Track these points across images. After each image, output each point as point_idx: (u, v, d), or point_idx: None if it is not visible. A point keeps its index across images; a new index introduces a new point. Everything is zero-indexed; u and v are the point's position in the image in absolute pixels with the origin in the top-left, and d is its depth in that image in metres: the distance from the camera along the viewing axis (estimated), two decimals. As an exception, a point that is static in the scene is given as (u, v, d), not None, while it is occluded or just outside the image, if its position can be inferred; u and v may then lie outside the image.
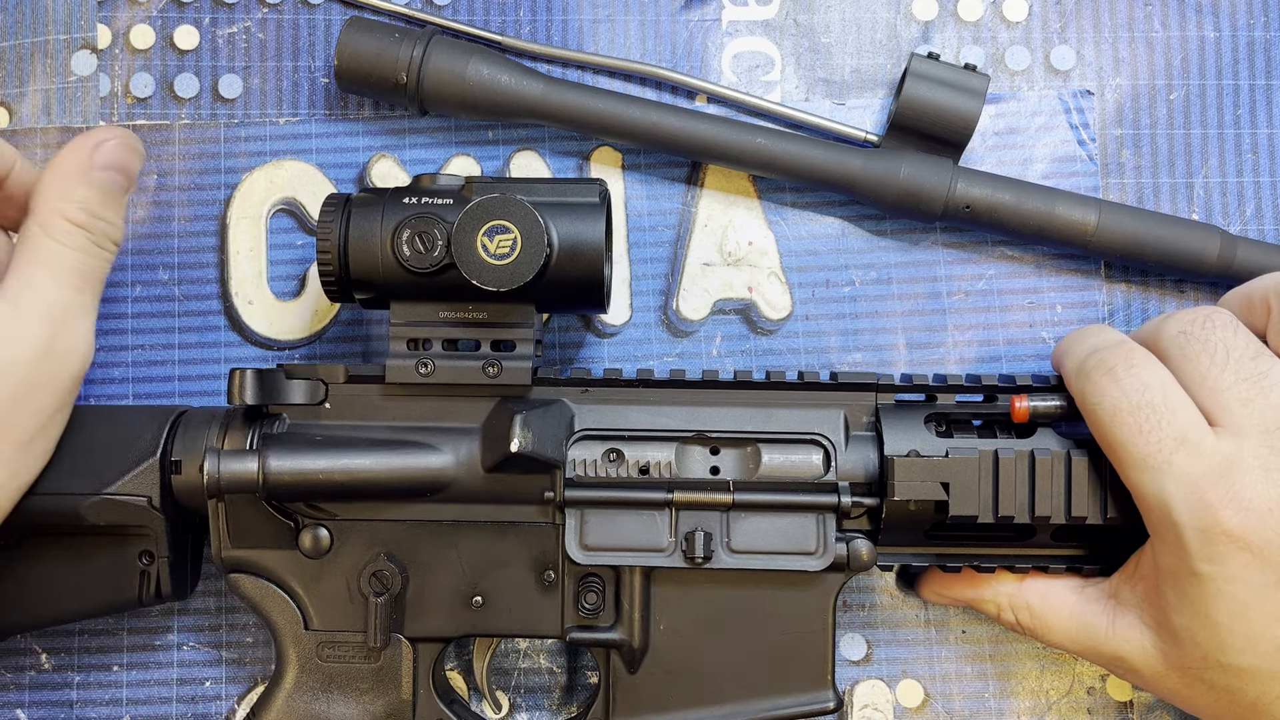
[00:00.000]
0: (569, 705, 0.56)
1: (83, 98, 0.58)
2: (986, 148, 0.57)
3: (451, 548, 0.50)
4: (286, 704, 0.50)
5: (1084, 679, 0.55)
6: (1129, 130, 0.57)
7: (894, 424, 0.49)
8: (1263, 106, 0.57)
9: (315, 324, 0.57)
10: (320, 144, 0.58)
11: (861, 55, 0.58)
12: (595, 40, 0.58)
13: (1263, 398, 0.44)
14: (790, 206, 0.57)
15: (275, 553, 0.50)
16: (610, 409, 0.50)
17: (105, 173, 0.48)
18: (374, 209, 0.48)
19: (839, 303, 0.57)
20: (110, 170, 0.48)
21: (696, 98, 0.57)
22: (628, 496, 0.48)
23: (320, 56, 0.58)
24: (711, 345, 0.57)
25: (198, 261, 0.57)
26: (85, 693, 0.56)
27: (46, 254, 0.46)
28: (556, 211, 0.48)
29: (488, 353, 0.49)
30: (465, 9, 0.58)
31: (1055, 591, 0.49)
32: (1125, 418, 0.45)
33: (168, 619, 0.56)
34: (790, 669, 0.49)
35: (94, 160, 0.48)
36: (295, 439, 0.48)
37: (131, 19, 0.58)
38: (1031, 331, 0.57)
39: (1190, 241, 0.54)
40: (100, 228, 0.48)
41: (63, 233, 0.46)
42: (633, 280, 0.57)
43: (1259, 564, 0.43)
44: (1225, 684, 0.45)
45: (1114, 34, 0.58)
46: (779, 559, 0.48)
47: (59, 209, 0.47)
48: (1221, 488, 0.43)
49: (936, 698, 0.56)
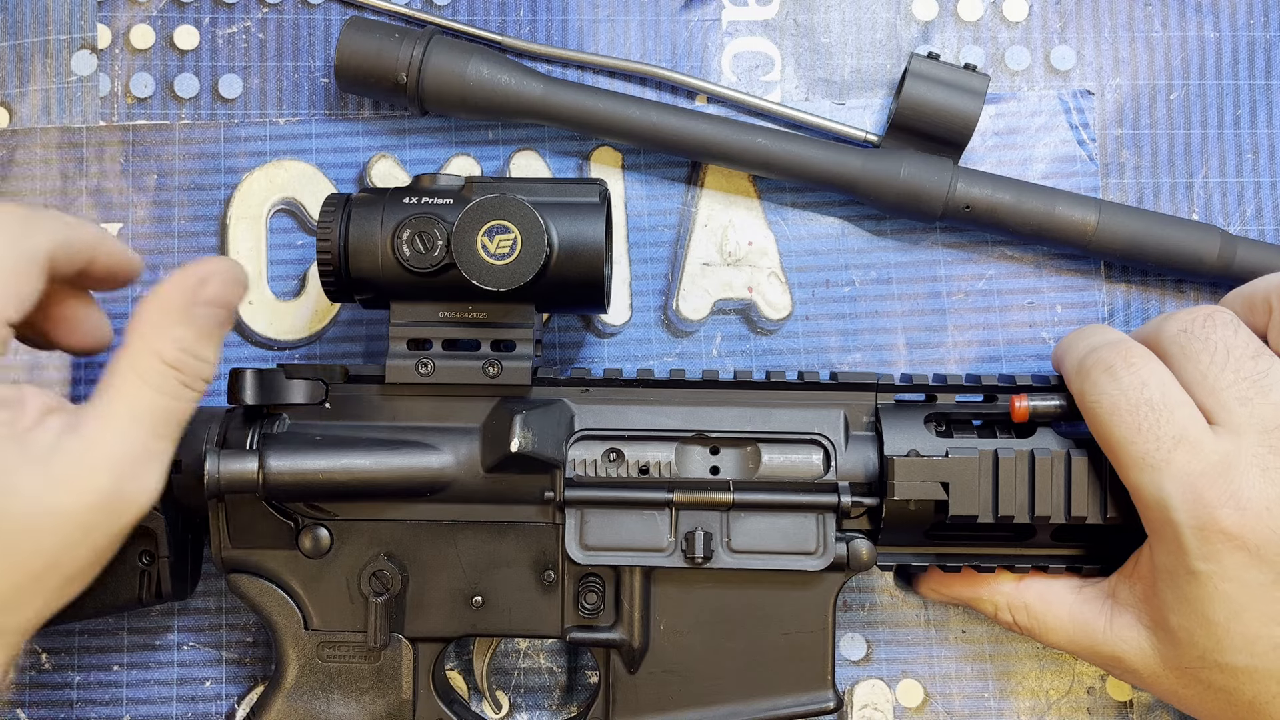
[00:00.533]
0: (569, 705, 0.56)
1: (83, 98, 0.58)
2: (986, 148, 0.57)
3: (451, 547, 0.50)
4: (286, 704, 0.50)
5: (1084, 679, 0.55)
6: (1129, 130, 0.57)
7: (894, 424, 0.49)
8: (1263, 106, 0.57)
9: (315, 324, 0.57)
10: (320, 144, 0.58)
11: (861, 55, 0.58)
12: (595, 40, 0.58)
13: (1262, 397, 0.44)
14: (790, 206, 0.57)
15: (275, 553, 0.50)
16: (610, 409, 0.50)
17: (207, 309, 0.44)
18: (374, 209, 0.48)
19: (839, 303, 0.57)
20: (213, 306, 0.44)
21: (696, 98, 0.57)
22: (628, 496, 0.48)
23: (320, 56, 0.58)
24: (711, 345, 0.57)
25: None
26: (85, 693, 0.56)
27: (131, 395, 0.42)
28: (556, 211, 0.48)
29: (488, 353, 0.49)
30: (465, 9, 0.58)
31: (1053, 591, 0.49)
32: (1124, 416, 0.45)
33: (168, 619, 0.56)
34: (790, 669, 0.49)
35: (197, 296, 0.44)
36: (295, 439, 0.48)
37: (131, 19, 0.58)
38: (1031, 331, 0.57)
39: (1190, 241, 0.54)
40: (194, 368, 0.44)
41: (154, 374, 0.43)
42: (633, 280, 0.57)
43: (1256, 563, 0.43)
44: (1222, 684, 0.45)
45: (1114, 34, 0.58)
46: (779, 559, 0.48)
47: (154, 347, 0.43)
48: (1219, 486, 0.43)
49: (936, 698, 0.56)
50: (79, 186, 0.57)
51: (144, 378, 0.43)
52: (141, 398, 0.43)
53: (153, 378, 0.43)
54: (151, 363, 0.43)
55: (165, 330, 0.43)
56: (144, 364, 0.43)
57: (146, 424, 0.43)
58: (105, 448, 0.42)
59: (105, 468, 0.42)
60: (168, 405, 0.43)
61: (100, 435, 0.42)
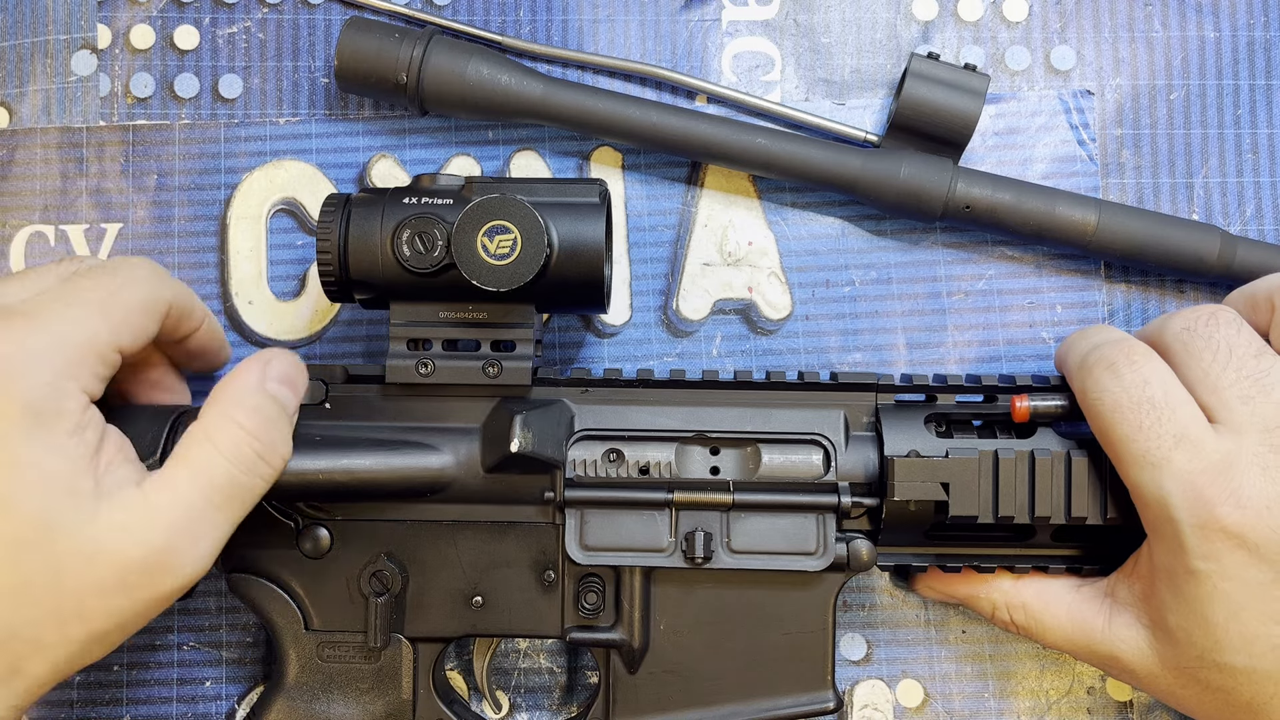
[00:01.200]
0: (569, 705, 0.56)
1: (83, 98, 0.58)
2: (986, 148, 0.57)
3: (451, 548, 0.50)
4: (286, 704, 0.50)
5: (1084, 679, 0.55)
6: (1129, 130, 0.57)
7: (894, 424, 0.49)
8: (1263, 106, 0.57)
9: (315, 324, 0.57)
10: (320, 144, 0.58)
11: (861, 55, 0.58)
12: (595, 40, 0.58)
13: (1264, 396, 0.44)
14: (790, 206, 0.57)
15: (275, 553, 0.50)
16: (610, 409, 0.50)
17: (278, 386, 0.46)
18: (374, 209, 0.48)
19: (839, 303, 0.57)
20: (282, 384, 0.46)
21: (696, 98, 0.57)
22: (628, 496, 0.48)
23: (320, 56, 0.58)
24: (711, 345, 0.57)
25: (198, 261, 0.57)
26: (85, 693, 0.56)
27: (199, 460, 0.43)
28: (556, 211, 0.48)
29: (488, 353, 0.49)
30: (465, 9, 0.58)
31: (1051, 591, 0.49)
32: (1125, 413, 0.45)
33: (168, 619, 0.56)
34: (790, 669, 0.49)
35: (268, 373, 0.46)
36: (295, 439, 0.48)
37: (131, 19, 0.58)
38: (1031, 331, 0.57)
39: (1190, 241, 0.54)
40: (268, 439, 0.44)
41: (226, 439, 0.43)
42: (633, 280, 0.57)
43: (1256, 561, 0.43)
44: (1220, 684, 0.45)
45: (1114, 34, 0.58)
46: (779, 559, 0.48)
47: (230, 414, 0.44)
48: (1220, 484, 0.43)
49: (936, 698, 0.56)
50: (79, 186, 0.57)
51: (216, 443, 0.43)
52: (209, 463, 0.43)
53: (225, 445, 0.43)
54: (226, 428, 0.43)
55: (243, 399, 0.44)
56: (217, 429, 0.43)
57: (208, 490, 0.42)
58: (162, 503, 0.42)
59: (159, 524, 0.41)
60: (234, 477, 0.43)
61: (160, 491, 0.42)
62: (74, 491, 0.40)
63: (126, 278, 0.45)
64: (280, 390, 0.46)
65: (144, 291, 0.45)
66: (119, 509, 0.41)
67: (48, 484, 0.40)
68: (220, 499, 0.43)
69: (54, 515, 0.40)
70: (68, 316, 0.42)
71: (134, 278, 0.45)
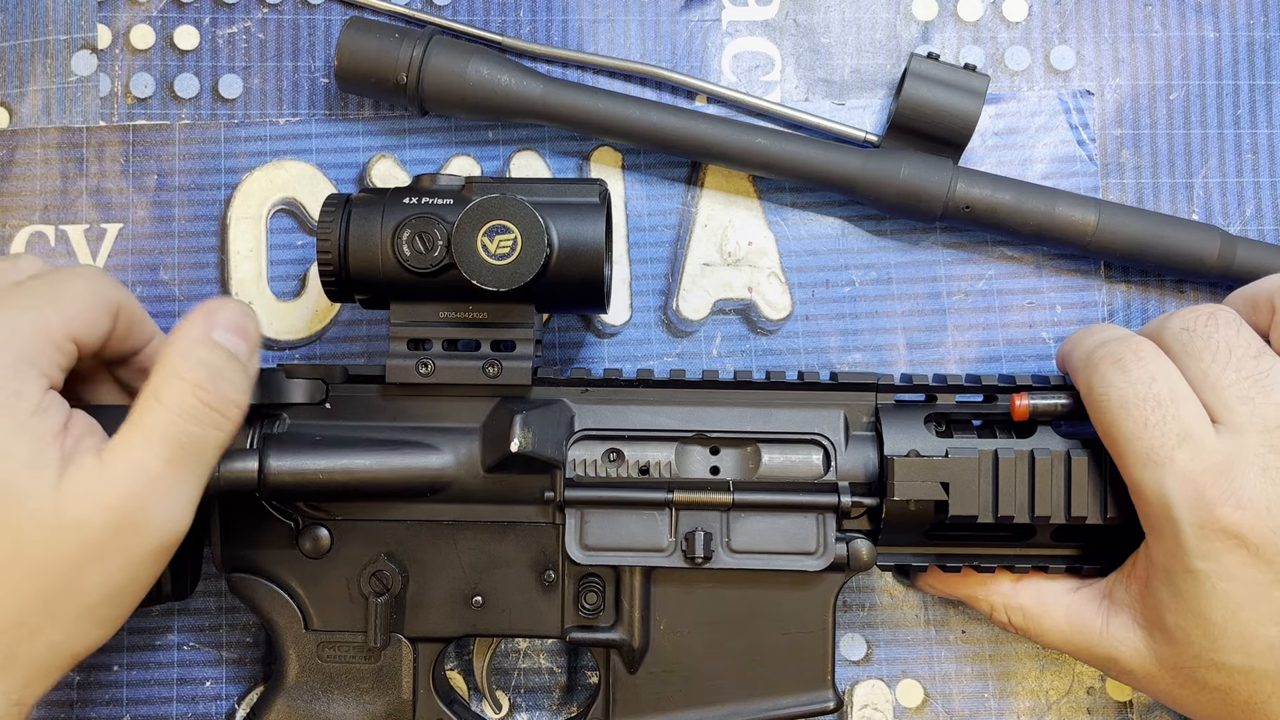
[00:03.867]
0: (569, 705, 0.56)
1: (83, 98, 0.58)
2: (986, 148, 0.57)
3: (451, 547, 0.50)
4: (286, 704, 0.50)
5: (1084, 679, 0.55)
6: (1129, 130, 0.57)
7: (894, 424, 0.49)
8: (1263, 106, 0.57)
9: (315, 324, 0.57)
10: (320, 144, 0.58)
11: (861, 55, 0.58)
12: (595, 40, 0.58)
13: (1263, 396, 0.44)
14: (790, 206, 0.57)
15: (275, 553, 0.50)
16: (610, 409, 0.50)
17: (226, 334, 0.45)
18: (374, 209, 0.48)
19: (839, 303, 0.57)
20: (230, 332, 0.45)
21: (696, 98, 0.57)
22: (628, 496, 0.48)
23: (320, 56, 0.58)
24: (711, 345, 0.57)
25: (198, 261, 0.57)
26: (85, 693, 0.56)
27: (149, 419, 0.43)
28: (556, 211, 0.48)
29: (488, 353, 0.49)
30: (465, 9, 0.58)
31: (1049, 592, 0.49)
32: (1131, 410, 0.45)
33: (168, 619, 0.56)
34: (790, 669, 0.49)
35: (212, 323, 0.45)
36: (295, 439, 0.48)
37: (131, 19, 0.58)
38: (1031, 331, 0.57)
39: (1190, 242, 0.54)
40: (217, 390, 0.44)
41: (174, 395, 0.43)
42: (633, 280, 0.57)
43: (1255, 562, 0.43)
44: (1218, 684, 0.45)
45: (1114, 34, 0.58)
46: (779, 559, 0.48)
47: (176, 368, 0.43)
48: (1221, 485, 0.43)
49: (936, 698, 0.56)
50: (79, 186, 0.57)
51: (163, 401, 0.43)
52: (158, 421, 0.43)
53: (172, 400, 0.43)
54: (171, 384, 0.43)
55: (189, 352, 0.44)
56: (163, 386, 0.43)
57: (160, 447, 0.42)
58: (119, 465, 0.42)
59: (116, 486, 0.41)
60: (185, 429, 0.43)
61: (115, 454, 0.42)
62: (37, 465, 0.40)
63: (75, 275, 0.46)
64: (228, 338, 0.45)
65: (93, 287, 0.45)
66: (78, 478, 0.41)
67: (9, 462, 0.40)
68: (174, 453, 0.42)
69: (18, 492, 0.40)
70: (20, 305, 0.43)
71: (83, 275, 0.46)
